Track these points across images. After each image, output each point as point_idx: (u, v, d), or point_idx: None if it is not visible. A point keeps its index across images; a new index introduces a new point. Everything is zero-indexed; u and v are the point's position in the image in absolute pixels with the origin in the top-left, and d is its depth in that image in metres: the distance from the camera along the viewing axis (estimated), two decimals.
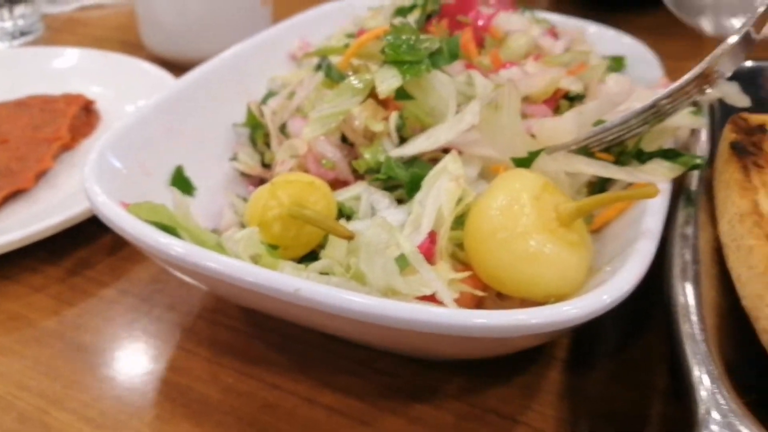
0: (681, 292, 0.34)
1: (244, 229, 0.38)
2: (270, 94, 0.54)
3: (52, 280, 0.49)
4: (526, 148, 0.40)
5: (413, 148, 0.42)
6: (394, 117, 0.44)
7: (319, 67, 0.50)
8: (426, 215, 0.37)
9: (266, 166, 0.51)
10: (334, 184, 0.45)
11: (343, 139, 0.47)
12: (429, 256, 0.36)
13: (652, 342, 0.43)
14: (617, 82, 0.47)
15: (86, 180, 0.39)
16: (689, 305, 0.34)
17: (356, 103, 0.45)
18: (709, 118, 0.51)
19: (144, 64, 0.71)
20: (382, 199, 0.40)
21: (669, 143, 0.44)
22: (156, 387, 0.41)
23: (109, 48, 0.78)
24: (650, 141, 0.43)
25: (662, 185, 0.40)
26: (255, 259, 0.37)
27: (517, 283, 0.35)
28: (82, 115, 0.64)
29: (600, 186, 0.43)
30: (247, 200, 0.43)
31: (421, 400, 0.40)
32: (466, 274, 0.36)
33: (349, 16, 0.63)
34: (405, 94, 0.43)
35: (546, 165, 0.39)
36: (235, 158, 0.52)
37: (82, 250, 0.52)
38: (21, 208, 0.55)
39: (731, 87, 0.50)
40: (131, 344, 0.44)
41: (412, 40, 0.43)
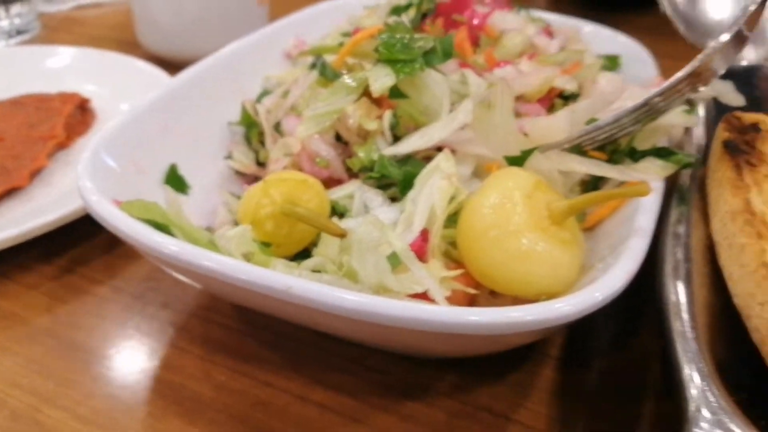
0: (672, 290, 0.35)
1: (237, 227, 0.38)
2: (265, 93, 0.54)
3: (46, 278, 0.49)
4: (519, 147, 0.40)
5: (407, 146, 0.42)
6: (387, 115, 0.44)
7: (313, 66, 0.50)
8: (418, 213, 0.37)
9: (261, 164, 0.51)
10: (329, 183, 0.45)
11: (338, 138, 0.47)
12: (421, 254, 0.36)
13: (645, 340, 0.43)
14: (609, 81, 0.47)
15: (80, 178, 0.39)
16: (680, 303, 0.34)
17: (350, 102, 0.45)
18: (705, 116, 0.51)
19: (140, 62, 0.71)
20: (375, 198, 0.40)
21: (663, 142, 0.44)
22: (149, 385, 0.41)
23: (106, 47, 0.77)
24: (643, 139, 0.43)
25: (655, 183, 0.40)
26: (247, 257, 0.37)
27: (509, 281, 0.35)
28: (78, 114, 0.64)
29: (593, 184, 0.43)
30: (241, 198, 0.43)
31: (414, 397, 0.40)
32: (458, 272, 0.36)
33: (345, 15, 0.63)
34: (399, 93, 0.43)
35: (539, 163, 0.39)
36: (229, 157, 0.52)
37: (76, 248, 0.52)
38: (16, 207, 0.55)
39: (726, 86, 0.50)
40: (124, 342, 0.44)
41: (406, 39, 0.43)
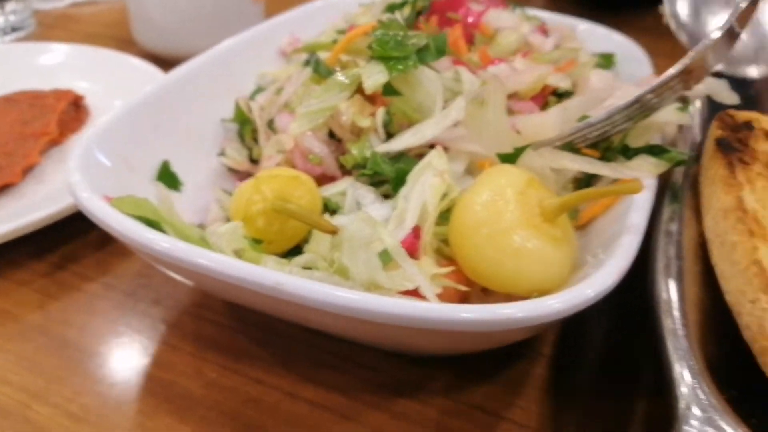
0: (664, 288, 0.35)
1: (228, 224, 0.38)
2: (259, 90, 0.54)
3: (38, 274, 0.49)
4: (511, 144, 0.40)
5: (399, 143, 0.41)
6: (380, 113, 0.43)
7: (307, 63, 0.50)
8: (410, 210, 0.37)
9: (254, 161, 0.51)
10: (322, 180, 0.45)
11: (331, 135, 0.46)
12: (413, 251, 0.36)
13: (638, 338, 0.43)
14: (600, 78, 0.47)
15: (70, 175, 0.39)
16: (672, 301, 0.34)
17: (343, 99, 0.44)
18: (700, 114, 0.51)
19: (134, 60, 0.71)
20: (367, 194, 0.40)
21: (656, 139, 0.44)
22: (139, 382, 0.41)
23: (101, 44, 0.77)
24: (636, 137, 0.43)
25: (647, 181, 0.40)
26: (238, 254, 0.37)
27: (501, 278, 0.35)
28: (71, 111, 0.63)
29: (586, 182, 0.43)
30: (233, 195, 0.43)
31: (406, 395, 0.39)
32: (449, 269, 0.36)
33: (341, 12, 0.63)
34: (392, 90, 0.43)
35: (531, 161, 0.39)
36: (222, 154, 0.51)
37: (68, 245, 0.52)
38: (7, 203, 0.54)
39: (720, 84, 0.50)
40: (115, 339, 0.44)
41: (400, 36, 0.43)
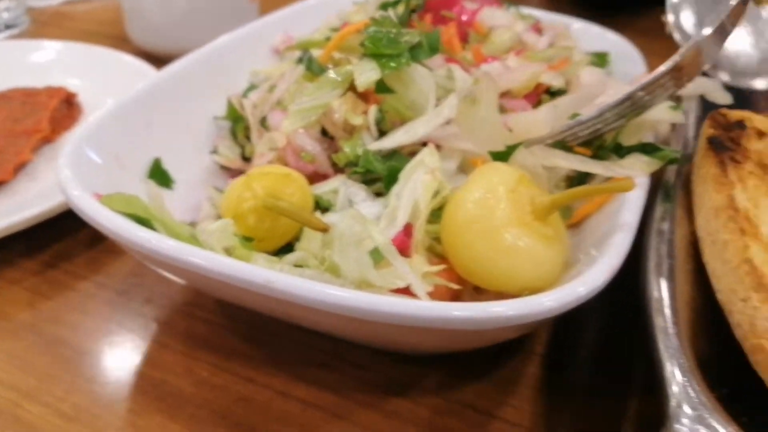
0: (655, 286, 0.34)
1: (218, 221, 0.37)
2: (251, 88, 0.54)
3: (29, 272, 0.49)
4: (503, 142, 0.39)
5: (391, 141, 0.41)
6: (373, 110, 0.43)
7: (300, 61, 0.50)
8: (402, 208, 0.37)
9: (247, 159, 0.51)
10: (314, 178, 0.45)
11: (324, 133, 0.46)
12: (404, 249, 0.36)
13: (631, 337, 0.43)
14: (591, 75, 0.46)
15: (60, 172, 0.39)
16: (663, 300, 0.34)
17: (336, 96, 0.44)
18: (694, 113, 0.51)
19: (128, 57, 0.70)
20: (359, 192, 0.40)
21: (649, 138, 0.44)
22: (131, 380, 0.40)
23: (95, 42, 0.77)
24: (629, 135, 0.43)
25: (640, 179, 0.40)
26: (229, 252, 0.36)
27: (492, 276, 0.35)
28: (64, 108, 0.63)
29: (579, 180, 0.42)
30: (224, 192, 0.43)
31: (397, 394, 0.39)
32: (440, 267, 0.35)
33: (334, 10, 0.63)
34: (385, 88, 0.43)
35: (523, 159, 0.39)
36: (215, 151, 0.51)
37: (59, 243, 0.51)
38: None
39: (713, 84, 0.50)
40: (107, 338, 0.43)
41: (393, 34, 0.43)
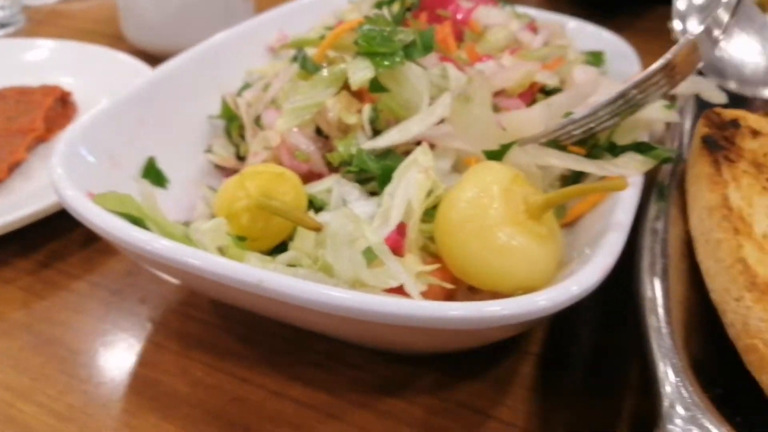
0: (648, 286, 0.34)
1: (212, 220, 0.37)
2: (246, 86, 0.53)
3: (23, 272, 0.49)
4: (497, 141, 0.39)
5: (385, 140, 0.41)
6: (367, 109, 0.43)
7: (295, 59, 0.50)
8: (395, 207, 0.36)
9: (241, 158, 0.51)
10: (309, 177, 0.45)
11: (319, 132, 0.46)
12: (397, 248, 0.35)
13: (625, 337, 0.43)
14: (584, 73, 0.46)
15: (53, 171, 0.39)
16: (656, 299, 0.34)
17: (330, 95, 0.44)
18: (689, 112, 0.51)
19: (123, 56, 0.70)
20: (353, 191, 0.40)
21: (643, 137, 0.44)
22: (125, 380, 0.40)
23: (91, 40, 0.77)
24: (623, 134, 0.43)
25: (634, 178, 0.39)
26: (222, 251, 0.36)
27: (486, 275, 0.35)
28: (58, 107, 0.63)
29: (573, 179, 0.42)
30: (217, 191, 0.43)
31: (392, 393, 0.39)
32: (434, 267, 0.35)
33: (329, 8, 0.63)
34: (379, 86, 0.43)
35: (517, 158, 0.39)
36: (209, 150, 0.51)
37: (54, 243, 0.51)
38: None
39: (708, 83, 0.50)
40: (101, 338, 0.43)
41: (386, 32, 0.43)
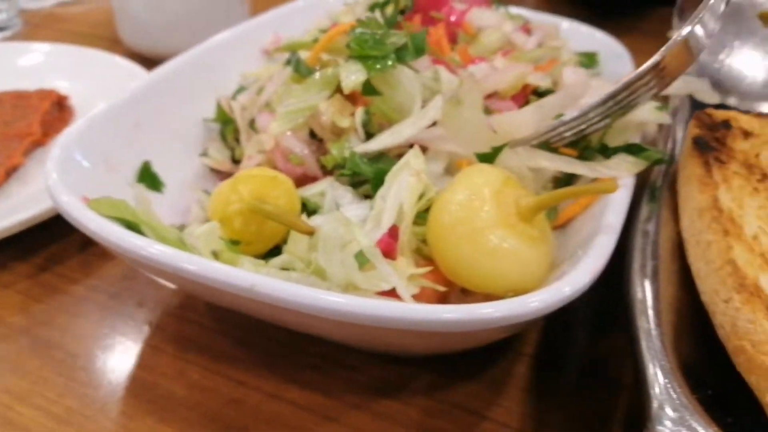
0: (639, 287, 0.35)
1: (205, 225, 0.38)
2: (241, 89, 0.54)
3: (21, 276, 0.49)
4: (489, 143, 0.40)
5: (377, 143, 0.41)
6: (359, 112, 0.43)
7: (288, 62, 0.50)
8: (387, 210, 0.37)
9: (236, 161, 0.51)
10: (303, 180, 0.45)
11: (313, 135, 0.46)
12: (389, 251, 0.36)
13: (619, 338, 0.43)
14: (574, 74, 0.46)
15: (48, 177, 0.39)
16: (646, 301, 0.34)
17: (323, 98, 0.44)
18: (681, 113, 0.51)
19: (119, 59, 0.70)
20: (346, 195, 0.40)
21: (635, 138, 0.44)
22: (122, 383, 0.41)
23: (88, 44, 0.77)
24: (615, 136, 0.43)
25: (625, 180, 0.40)
26: (216, 255, 0.37)
27: (477, 278, 0.35)
28: (55, 111, 0.63)
29: (566, 182, 0.43)
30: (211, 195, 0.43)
31: (388, 395, 0.40)
32: (426, 269, 0.36)
33: (324, 11, 0.63)
34: (372, 90, 0.43)
35: (509, 160, 0.39)
36: (205, 154, 0.51)
37: (52, 247, 0.51)
38: None
39: (701, 83, 0.50)
40: (99, 341, 0.44)
41: (378, 35, 0.43)
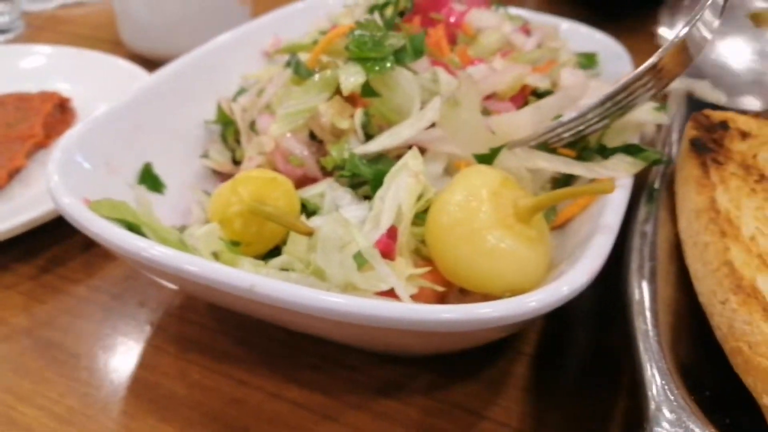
0: (636, 288, 0.35)
1: (205, 226, 0.38)
2: (241, 91, 0.54)
3: (24, 277, 0.49)
4: (487, 144, 0.40)
5: (377, 145, 0.42)
6: (359, 114, 0.44)
7: (288, 64, 0.50)
8: (386, 211, 0.37)
9: (237, 163, 0.51)
10: (303, 181, 0.45)
11: (313, 137, 0.47)
12: (388, 252, 0.36)
13: (618, 338, 0.43)
14: (571, 75, 0.47)
15: (50, 179, 0.39)
16: (644, 302, 0.34)
17: (323, 100, 0.45)
18: (680, 114, 0.51)
19: (121, 62, 0.71)
20: (345, 196, 0.40)
21: (634, 139, 0.44)
22: (124, 383, 0.41)
23: (90, 46, 0.77)
24: (613, 136, 0.43)
25: (623, 180, 0.40)
26: (216, 256, 0.37)
27: (475, 278, 0.35)
28: (57, 113, 0.63)
29: (564, 182, 0.43)
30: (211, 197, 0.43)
31: (387, 395, 0.40)
32: (424, 270, 0.36)
33: (324, 13, 0.63)
34: (371, 91, 0.43)
35: (507, 161, 0.40)
36: (206, 155, 0.52)
37: (54, 248, 0.52)
38: None
39: (703, 82, 0.50)
40: (101, 341, 0.44)
41: (377, 37, 0.43)
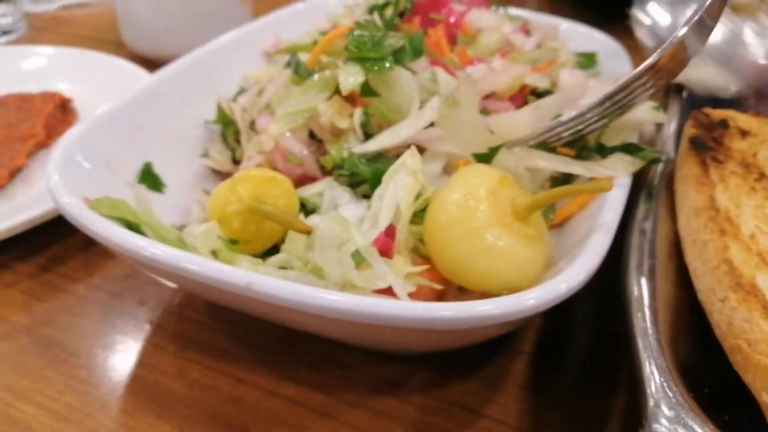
0: (636, 286, 0.35)
1: (204, 224, 0.38)
2: (241, 91, 0.54)
3: (23, 276, 0.49)
4: (486, 144, 0.40)
5: (376, 144, 0.42)
6: (358, 113, 0.44)
7: (288, 64, 0.50)
8: (384, 210, 0.37)
9: (237, 162, 0.51)
10: (303, 180, 0.45)
11: (312, 136, 0.47)
12: (386, 250, 0.36)
13: (618, 335, 0.43)
14: (570, 75, 0.47)
15: (50, 179, 0.39)
16: (643, 299, 0.34)
17: (322, 100, 0.45)
18: (680, 113, 0.51)
19: (122, 62, 0.71)
20: (343, 195, 0.40)
21: (633, 138, 0.44)
22: (123, 381, 0.41)
23: (92, 47, 0.77)
24: (612, 135, 0.43)
25: (621, 179, 0.40)
26: (215, 254, 0.37)
27: (474, 276, 0.35)
28: (59, 113, 0.64)
29: (563, 181, 0.43)
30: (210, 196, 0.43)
31: (385, 393, 0.40)
32: (422, 268, 0.36)
33: (325, 13, 0.63)
34: (370, 91, 0.43)
35: (506, 160, 0.40)
36: (206, 155, 0.52)
37: (54, 247, 0.52)
38: None
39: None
40: (100, 340, 0.44)
41: (377, 37, 0.43)
